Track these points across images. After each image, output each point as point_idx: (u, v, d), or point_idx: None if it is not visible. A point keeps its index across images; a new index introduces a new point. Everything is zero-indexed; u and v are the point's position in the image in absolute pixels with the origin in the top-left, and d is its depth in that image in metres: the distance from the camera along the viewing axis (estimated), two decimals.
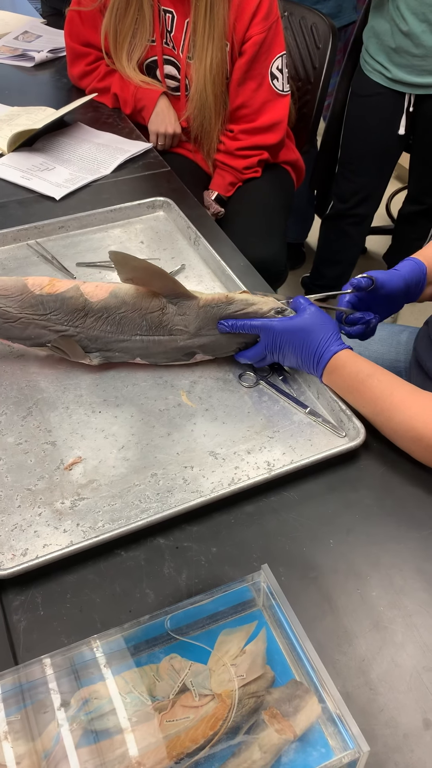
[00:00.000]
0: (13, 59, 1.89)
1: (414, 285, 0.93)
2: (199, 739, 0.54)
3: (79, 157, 1.43)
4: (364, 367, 0.81)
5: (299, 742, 0.55)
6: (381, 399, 0.79)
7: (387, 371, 0.81)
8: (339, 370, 0.83)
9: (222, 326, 0.88)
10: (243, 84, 1.54)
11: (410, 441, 0.77)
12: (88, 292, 0.88)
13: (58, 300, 0.87)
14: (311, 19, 1.82)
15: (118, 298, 0.88)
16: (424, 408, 0.76)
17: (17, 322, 0.87)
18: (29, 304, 0.87)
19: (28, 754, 0.54)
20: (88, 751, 0.54)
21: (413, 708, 0.62)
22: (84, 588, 0.70)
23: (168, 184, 1.37)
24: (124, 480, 0.79)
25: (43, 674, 0.58)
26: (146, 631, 0.61)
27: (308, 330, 0.84)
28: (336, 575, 0.71)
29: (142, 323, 0.88)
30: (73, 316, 0.87)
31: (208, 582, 0.70)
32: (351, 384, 0.82)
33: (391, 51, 1.78)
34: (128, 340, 0.89)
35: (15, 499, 0.77)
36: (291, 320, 0.85)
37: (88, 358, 0.90)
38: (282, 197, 1.72)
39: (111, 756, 0.53)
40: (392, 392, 0.78)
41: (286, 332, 0.85)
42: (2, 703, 0.57)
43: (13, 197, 1.30)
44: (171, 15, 1.50)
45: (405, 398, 0.78)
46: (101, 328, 0.88)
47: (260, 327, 0.87)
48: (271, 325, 0.86)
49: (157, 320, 0.88)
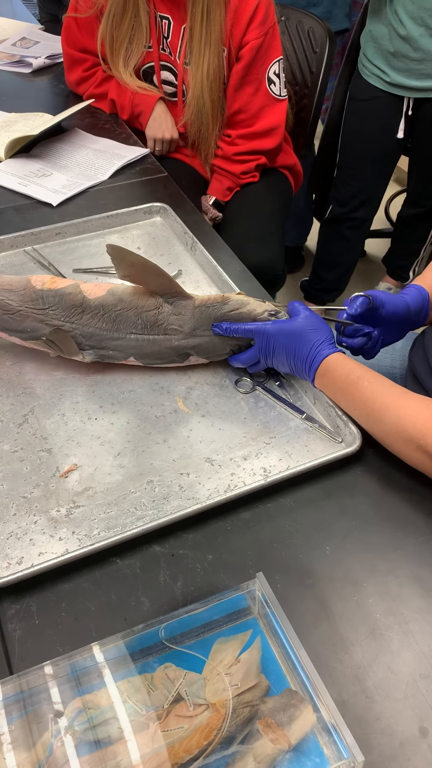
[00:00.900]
0: (10, 65, 1.89)
1: (416, 310, 0.92)
2: (194, 749, 0.54)
3: (76, 163, 1.43)
4: (354, 370, 0.81)
5: (294, 751, 0.55)
6: (371, 401, 0.79)
7: (378, 374, 0.81)
8: (330, 372, 0.82)
9: (216, 329, 0.88)
10: (240, 89, 1.54)
11: (400, 443, 0.77)
12: (87, 290, 0.89)
13: (57, 295, 0.88)
14: (308, 24, 1.82)
15: (116, 296, 0.88)
16: (414, 409, 0.75)
17: (16, 314, 0.89)
18: (30, 298, 0.88)
19: (21, 764, 0.54)
20: (81, 762, 0.54)
21: (409, 716, 0.61)
22: (79, 596, 0.70)
23: (165, 189, 1.37)
24: (119, 487, 0.79)
25: (42, 682, 0.58)
26: (141, 640, 0.61)
27: (301, 333, 0.84)
28: (332, 582, 0.71)
29: (138, 321, 0.88)
30: (71, 312, 0.88)
31: (204, 589, 0.70)
32: (342, 386, 0.82)
33: (390, 55, 1.78)
34: (123, 338, 0.89)
35: (10, 507, 0.77)
36: (285, 323, 0.86)
37: (81, 354, 0.90)
38: (279, 202, 1.72)
39: (105, 766, 0.53)
40: (383, 394, 0.78)
41: (280, 335, 0.85)
42: (3, 710, 0.57)
43: (10, 203, 1.30)
44: (168, 21, 1.50)
45: (396, 400, 0.77)
46: (97, 325, 0.88)
47: (254, 330, 0.87)
48: (264, 328, 0.86)
49: (153, 319, 0.88)
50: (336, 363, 0.82)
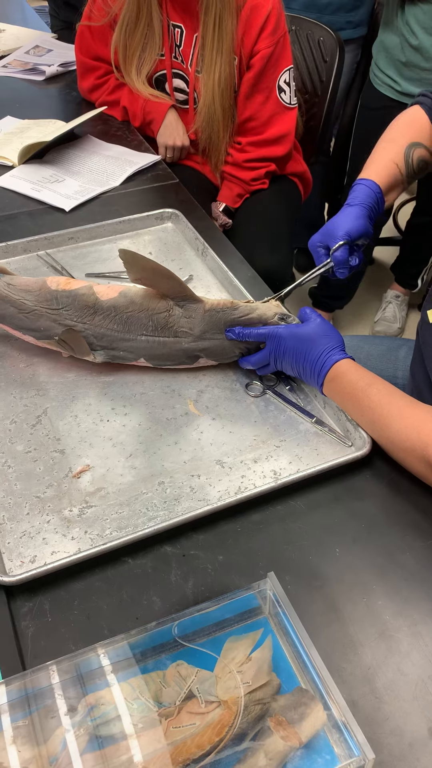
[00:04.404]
0: (24, 73, 1.91)
1: (375, 206, 0.98)
2: (205, 746, 0.54)
3: (88, 169, 1.45)
4: (364, 377, 0.82)
5: (304, 749, 0.55)
6: (378, 408, 0.79)
7: (388, 383, 0.81)
8: (339, 378, 0.83)
9: (229, 335, 0.89)
10: (251, 97, 1.56)
11: (404, 452, 0.77)
12: (100, 291, 0.91)
13: (71, 296, 0.90)
14: (318, 34, 1.84)
15: (127, 297, 0.90)
16: (420, 420, 0.75)
17: (31, 313, 0.91)
18: (44, 298, 0.90)
19: (34, 759, 0.54)
20: (93, 757, 0.54)
21: (419, 717, 0.62)
22: (91, 595, 0.70)
23: (176, 195, 1.39)
24: (131, 488, 0.80)
25: (49, 680, 0.59)
26: (153, 637, 0.62)
27: (313, 338, 0.85)
28: (342, 584, 0.71)
29: (149, 323, 0.89)
30: (83, 312, 0.89)
31: (215, 590, 0.70)
32: (350, 392, 0.82)
33: (401, 65, 1.80)
34: (134, 340, 0.90)
35: (24, 507, 0.78)
36: (297, 328, 0.87)
37: (92, 355, 0.91)
38: (289, 209, 1.73)
39: (117, 762, 0.54)
40: (390, 402, 0.79)
41: (292, 339, 0.86)
42: (9, 708, 0.57)
43: (23, 208, 1.31)
44: (180, 30, 1.52)
45: (402, 409, 0.78)
46: (108, 326, 0.90)
47: (266, 334, 0.88)
48: (276, 332, 0.87)
49: (164, 321, 0.89)
50: (346, 369, 0.83)
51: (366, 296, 2.53)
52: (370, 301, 2.53)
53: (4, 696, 0.58)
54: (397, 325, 2.38)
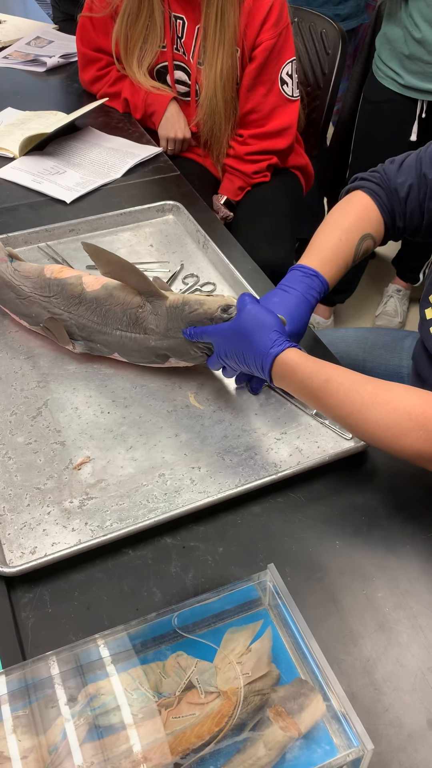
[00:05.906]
0: (25, 64, 1.90)
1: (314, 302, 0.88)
2: (205, 736, 0.54)
3: (89, 161, 1.44)
4: (316, 371, 0.73)
5: (304, 739, 0.55)
6: (348, 402, 0.71)
7: (343, 370, 0.73)
8: (288, 377, 0.75)
9: (185, 334, 0.85)
10: (253, 89, 1.55)
11: (394, 438, 0.70)
12: (87, 282, 0.91)
13: (60, 285, 0.91)
14: (321, 26, 1.83)
15: (108, 290, 0.90)
16: (402, 400, 0.69)
17: (26, 299, 0.93)
18: (39, 285, 0.93)
19: (34, 748, 0.54)
20: (93, 747, 0.54)
21: (418, 708, 0.62)
22: (92, 586, 0.70)
23: (177, 188, 1.38)
24: (132, 480, 0.80)
25: (49, 671, 0.59)
26: (153, 628, 0.62)
27: (244, 334, 0.77)
28: (342, 576, 0.72)
29: (123, 318, 0.89)
30: (70, 302, 0.91)
31: (215, 581, 0.71)
32: (308, 392, 0.74)
33: (404, 58, 1.79)
34: (109, 334, 0.90)
35: (24, 498, 0.78)
36: (232, 324, 0.79)
37: (72, 344, 0.92)
38: (290, 201, 1.73)
39: (117, 751, 0.54)
40: (358, 392, 0.71)
41: (230, 338, 0.79)
42: (9, 698, 0.58)
43: (24, 200, 1.31)
44: (182, 21, 1.51)
45: (376, 395, 0.70)
46: (89, 318, 0.90)
47: (210, 333, 0.82)
48: (215, 332, 0.81)
49: (135, 317, 0.88)
50: (293, 365, 0.74)
51: (367, 290, 2.52)
52: (372, 295, 2.53)
53: (5, 686, 0.58)
54: (398, 319, 2.38)
